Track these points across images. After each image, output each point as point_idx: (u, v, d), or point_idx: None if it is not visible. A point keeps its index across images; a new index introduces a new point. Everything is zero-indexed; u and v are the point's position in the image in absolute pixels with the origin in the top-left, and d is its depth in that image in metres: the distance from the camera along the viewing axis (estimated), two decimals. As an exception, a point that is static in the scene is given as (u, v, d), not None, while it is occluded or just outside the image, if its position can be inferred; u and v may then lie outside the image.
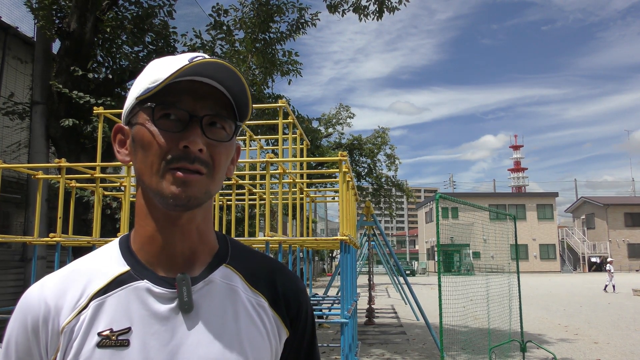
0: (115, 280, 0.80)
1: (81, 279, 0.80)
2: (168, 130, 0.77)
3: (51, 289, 0.79)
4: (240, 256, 0.89)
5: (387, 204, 30.68)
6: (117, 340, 0.75)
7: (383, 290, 24.23)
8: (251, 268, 0.88)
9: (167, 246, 0.81)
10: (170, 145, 0.76)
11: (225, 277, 0.84)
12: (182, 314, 0.78)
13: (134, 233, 0.85)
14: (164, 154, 0.76)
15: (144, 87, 0.79)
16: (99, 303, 0.78)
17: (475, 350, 8.09)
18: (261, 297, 0.86)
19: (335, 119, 28.15)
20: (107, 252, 0.85)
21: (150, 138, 0.77)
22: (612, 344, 8.99)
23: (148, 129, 0.78)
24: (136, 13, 8.37)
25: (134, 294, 0.78)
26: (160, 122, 0.77)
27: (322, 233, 52.26)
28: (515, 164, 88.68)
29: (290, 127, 5.82)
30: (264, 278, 0.88)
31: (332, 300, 7.59)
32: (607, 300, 17.49)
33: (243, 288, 0.85)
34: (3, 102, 8.83)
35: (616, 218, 44.75)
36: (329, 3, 9.91)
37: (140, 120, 0.79)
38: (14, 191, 9.35)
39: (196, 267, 0.83)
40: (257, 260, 0.91)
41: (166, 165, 0.76)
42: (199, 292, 0.80)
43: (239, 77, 0.78)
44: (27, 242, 5.67)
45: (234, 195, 6.39)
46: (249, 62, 9.73)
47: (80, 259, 0.86)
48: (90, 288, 0.79)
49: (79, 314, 0.77)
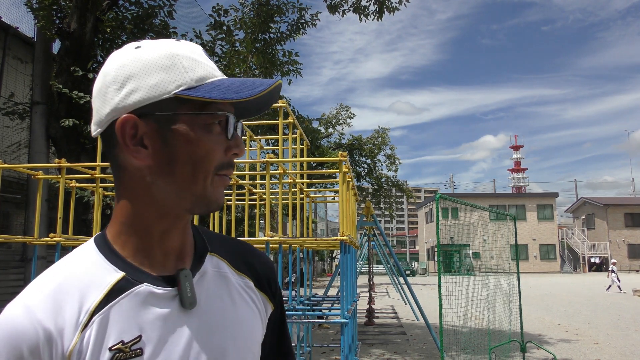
0: (114, 289, 0.73)
1: (73, 292, 0.72)
2: (220, 137, 0.76)
3: (44, 310, 0.69)
4: (216, 242, 0.89)
5: (387, 204, 30.70)
6: (130, 351, 0.71)
7: (383, 291, 24.23)
8: (230, 252, 0.89)
9: (160, 245, 0.78)
10: (220, 151, 0.76)
11: (215, 266, 0.84)
12: (185, 309, 0.76)
13: (115, 233, 0.78)
14: (215, 161, 0.76)
15: (184, 81, 0.73)
16: (102, 317, 0.71)
17: (475, 350, 8.08)
18: (247, 279, 0.88)
19: (335, 119, 28.16)
20: (87, 258, 0.77)
21: (208, 148, 0.75)
22: (612, 345, 8.99)
23: (201, 138, 0.74)
24: (136, 13, 8.37)
25: (136, 299, 0.74)
26: (212, 126, 0.75)
27: (322, 233, 52.24)
28: (515, 164, 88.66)
29: (291, 127, 5.82)
30: (243, 261, 0.89)
31: (332, 300, 7.59)
32: (607, 300, 17.49)
33: (231, 273, 0.86)
34: (3, 102, 8.83)
35: (616, 218, 44.76)
36: (329, 3, 9.92)
37: (187, 124, 0.74)
38: (14, 191, 9.35)
39: (187, 260, 0.81)
40: (232, 244, 0.92)
41: (215, 172, 0.76)
42: (197, 285, 0.79)
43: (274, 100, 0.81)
44: (27, 242, 5.67)
45: (234, 195, 6.38)
46: (249, 62, 9.73)
47: (57, 269, 0.75)
48: (88, 302, 0.72)
49: (82, 332, 0.70)
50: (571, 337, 9.82)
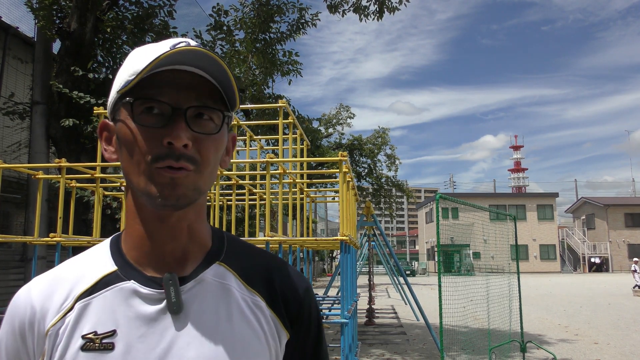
0: (102, 281, 0.76)
1: (68, 280, 0.78)
2: (150, 126, 0.72)
3: (38, 292, 0.77)
4: (236, 253, 0.84)
5: (387, 204, 30.69)
6: (101, 343, 0.71)
7: (383, 291, 24.23)
8: (247, 266, 0.83)
9: (157, 245, 0.77)
10: (154, 142, 0.71)
11: (218, 276, 0.80)
12: (171, 315, 0.74)
13: (125, 233, 0.81)
14: (148, 152, 0.71)
15: (124, 79, 0.73)
16: (84, 304, 0.75)
17: (475, 350, 8.08)
18: (257, 296, 0.81)
19: (335, 119, 28.17)
20: (97, 253, 0.82)
21: (132, 136, 0.72)
22: (612, 345, 8.99)
23: (129, 126, 0.73)
24: (136, 13, 8.37)
25: (119, 295, 0.75)
26: (142, 117, 0.72)
27: (322, 233, 52.25)
28: (516, 164, 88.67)
29: (291, 127, 5.82)
30: (261, 276, 0.83)
31: (332, 300, 7.59)
32: (607, 300, 17.49)
33: (238, 287, 0.80)
34: (3, 102, 8.83)
35: (616, 218, 44.74)
36: (329, 3, 9.92)
37: (122, 117, 0.74)
38: (14, 191, 9.35)
39: (187, 266, 0.79)
40: (255, 257, 0.86)
41: (151, 164, 0.71)
42: (190, 292, 0.76)
43: (221, 65, 0.72)
44: (27, 242, 5.68)
45: (234, 195, 6.39)
46: (249, 62, 9.74)
47: (70, 260, 0.83)
48: (77, 289, 0.76)
49: (64, 316, 0.74)
50: (571, 337, 9.82)
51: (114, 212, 7.50)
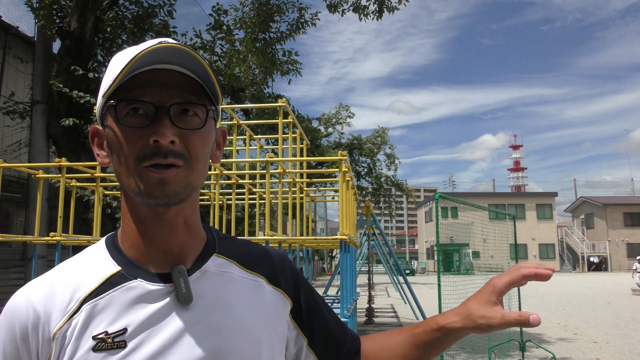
0: (107, 282, 0.77)
1: (69, 281, 0.78)
2: (136, 127, 0.73)
3: (39, 295, 0.76)
4: (228, 244, 0.88)
5: (386, 203, 30.70)
6: (113, 342, 0.72)
7: (383, 290, 24.24)
8: (242, 252, 0.87)
9: (156, 243, 0.79)
10: (141, 142, 0.73)
11: (219, 265, 0.83)
12: (180, 306, 0.76)
13: (121, 232, 0.82)
14: (135, 153, 0.73)
15: (107, 84, 0.75)
16: (91, 306, 0.75)
17: (475, 349, 8.11)
18: (258, 276, 0.85)
19: (335, 118, 28.14)
20: (94, 253, 0.82)
21: (118, 139, 0.74)
22: (611, 344, 9.01)
23: (114, 129, 0.75)
24: (136, 13, 8.38)
25: (127, 294, 0.76)
26: (127, 119, 0.74)
27: (322, 232, 52.27)
28: (515, 163, 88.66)
29: (290, 126, 5.83)
30: (257, 259, 0.88)
31: (332, 299, 7.61)
32: (606, 299, 17.51)
33: (238, 272, 0.84)
34: (4, 102, 8.84)
35: (615, 218, 44.75)
36: (329, 3, 9.92)
37: (109, 122, 0.76)
38: (14, 190, 9.36)
39: (188, 260, 0.81)
40: (245, 244, 0.91)
41: (140, 163, 0.73)
42: (195, 282, 0.78)
43: (199, 60, 0.74)
44: (27, 241, 5.69)
45: (234, 194, 6.40)
46: (249, 61, 9.75)
47: (67, 261, 0.83)
48: (81, 291, 0.76)
49: (70, 318, 0.75)
50: (570, 336, 9.84)
51: (114, 211, 7.51)
